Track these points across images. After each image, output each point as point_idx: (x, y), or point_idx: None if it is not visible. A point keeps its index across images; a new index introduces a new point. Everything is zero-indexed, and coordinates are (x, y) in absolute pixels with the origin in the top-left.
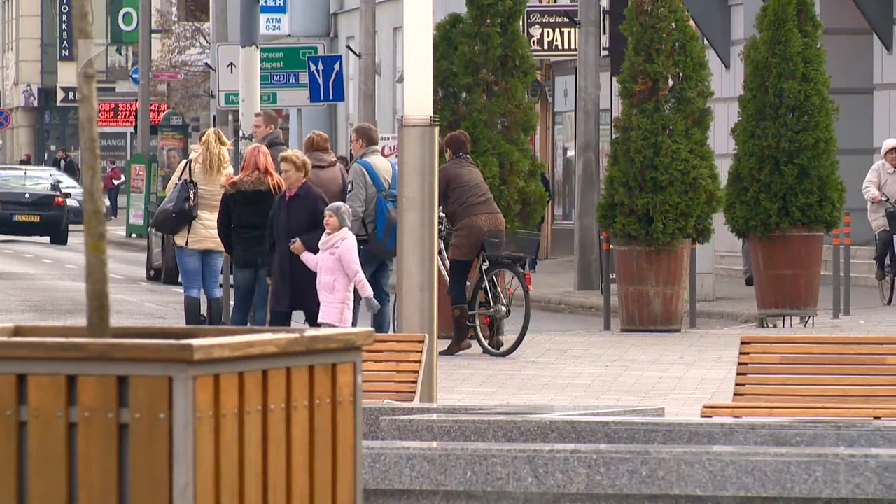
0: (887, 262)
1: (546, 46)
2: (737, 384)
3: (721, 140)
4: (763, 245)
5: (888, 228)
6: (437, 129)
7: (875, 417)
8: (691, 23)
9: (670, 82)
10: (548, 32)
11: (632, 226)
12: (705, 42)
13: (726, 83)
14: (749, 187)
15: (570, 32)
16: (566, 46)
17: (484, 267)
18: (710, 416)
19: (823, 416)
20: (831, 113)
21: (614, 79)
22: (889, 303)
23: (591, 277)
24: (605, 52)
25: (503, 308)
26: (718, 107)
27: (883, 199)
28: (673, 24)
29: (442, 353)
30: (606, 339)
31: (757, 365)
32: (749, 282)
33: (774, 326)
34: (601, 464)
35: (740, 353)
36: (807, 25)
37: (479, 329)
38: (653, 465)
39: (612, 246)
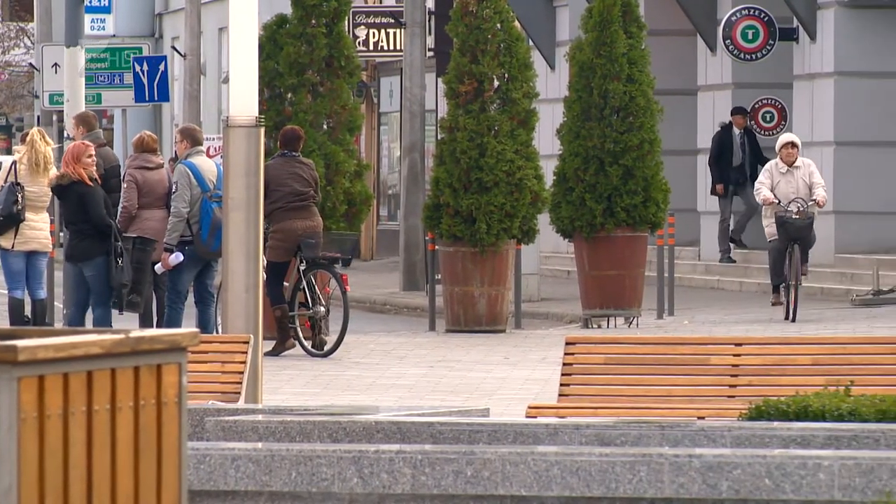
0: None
1: (371, 47)
2: (561, 384)
3: (546, 141)
4: (588, 246)
5: (778, 237)
6: (262, 130)
7: (699, 417)
8: (517, 24)
9: (496, 83)
10: (373, 33)
11: (457, 226)
12: (531, 43)
13: (551, 84)
14: (574, 188)
15: (395, 33)
16: (391, 47)
17: (301, 268)
18: (535, 417)
19: (648, 417)
20: (656, 114)
21: (440, 79)
22: (793, 319)
23: (417, 278)
24: (431, 53)
25: (321, 309)
26: (544, 108)
27: (776, 201)
28: (498, 25)
29: (267, 354)
30: (431, 340)
31: (581, 365)
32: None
33: (599, 327)
34: (426, 464)
35: (565, 354)
36: (632, 27)
37: (299, 330)
38: (478, 465)
39: (437, 247)
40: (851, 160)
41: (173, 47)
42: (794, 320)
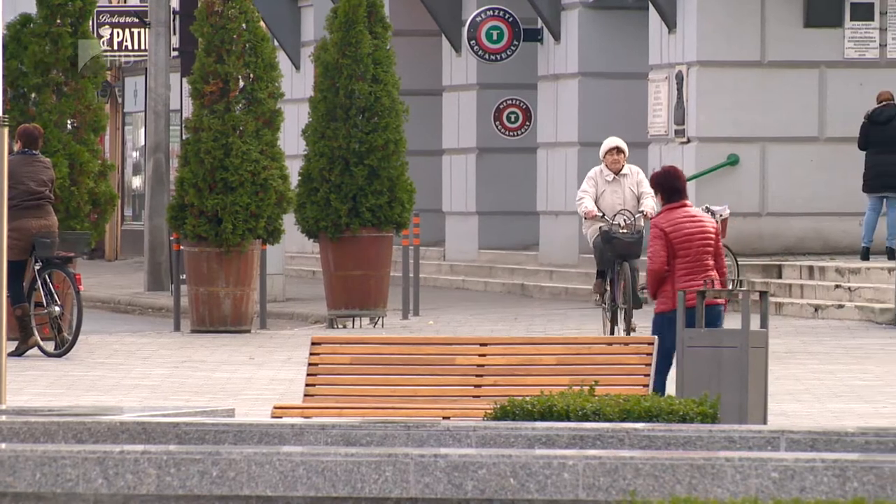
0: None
1: (116, 47)
2: (307, 385)
3: (292, 141)
4: (333, 246)
5: (604, 251)
6: (6, 130)
7: (444, 417)
8: (262, 24)
9: (241, 83)
10: (118, 33)
11: (202, 227)
12: (276, 43)
13: (297, 84)
14: (319, 188)
15: (139, 33)
16: (136, 47)
17: (36, 267)
18: (281, 417)
19: (393, 417)
20: (401, 114)
21: (185, 79)
22: (627, 331)
23: (162, 278)
24: (176, 53)
25: (57, 308)
26: (289, 108)
27: (599, 214)
28: (244, 25)
29: (10, 355)
30: (176, 340)
31: (327, 366)
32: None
33: (344, 327)
34: (171, 465)
35: (310, 354)
36: (377, 27)
37: (35, 330)
38: (223, 465)
39: (182, 247)
40: (596, 161)
41: None
42: (627, 332)
